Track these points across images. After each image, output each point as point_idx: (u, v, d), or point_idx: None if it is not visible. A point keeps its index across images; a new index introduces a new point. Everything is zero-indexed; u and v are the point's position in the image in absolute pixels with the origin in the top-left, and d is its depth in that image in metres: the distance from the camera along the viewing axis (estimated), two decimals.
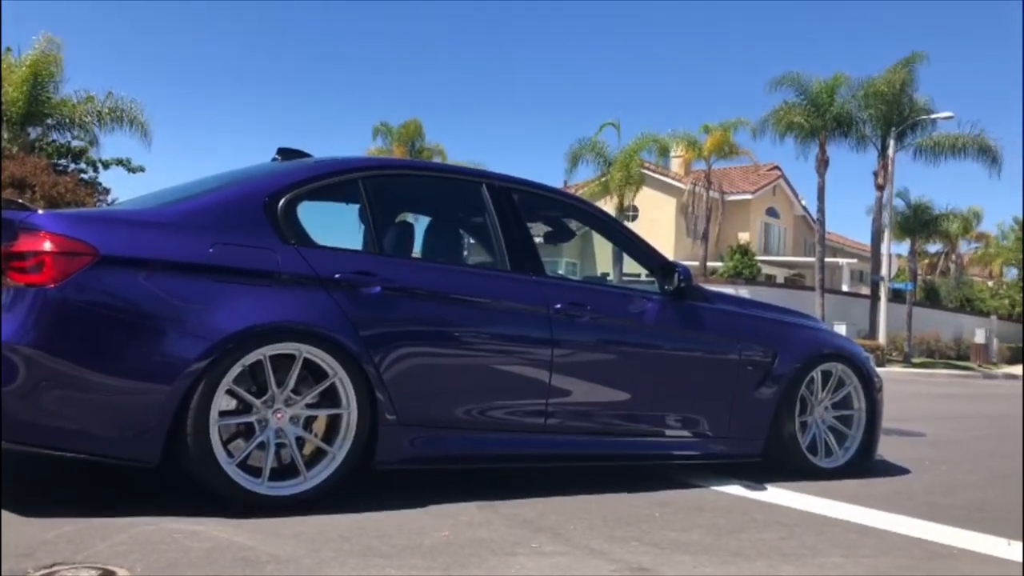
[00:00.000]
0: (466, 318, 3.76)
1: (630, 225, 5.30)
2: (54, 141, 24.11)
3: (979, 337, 33.70)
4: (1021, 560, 2.99)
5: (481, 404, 3.75)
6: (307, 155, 4.16)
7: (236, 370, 3.16)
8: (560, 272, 20.85)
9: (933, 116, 27.71)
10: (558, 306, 3.93)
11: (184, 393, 3.05)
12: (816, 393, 4.70)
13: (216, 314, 3.15)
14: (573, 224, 5.45)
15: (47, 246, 2.96)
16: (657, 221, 35.93)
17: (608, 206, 28.01)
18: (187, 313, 3.12)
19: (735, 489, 4.14)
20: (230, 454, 3.18)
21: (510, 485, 3.85)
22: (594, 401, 4.06)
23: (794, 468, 4.52)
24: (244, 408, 3.26)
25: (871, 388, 4.85)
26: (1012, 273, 48.35)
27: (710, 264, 33.20)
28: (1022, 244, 40.39)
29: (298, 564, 2.58)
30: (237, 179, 3.74)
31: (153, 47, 79.11)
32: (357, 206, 4.03)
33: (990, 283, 48.93)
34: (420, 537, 2.97)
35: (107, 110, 22.92)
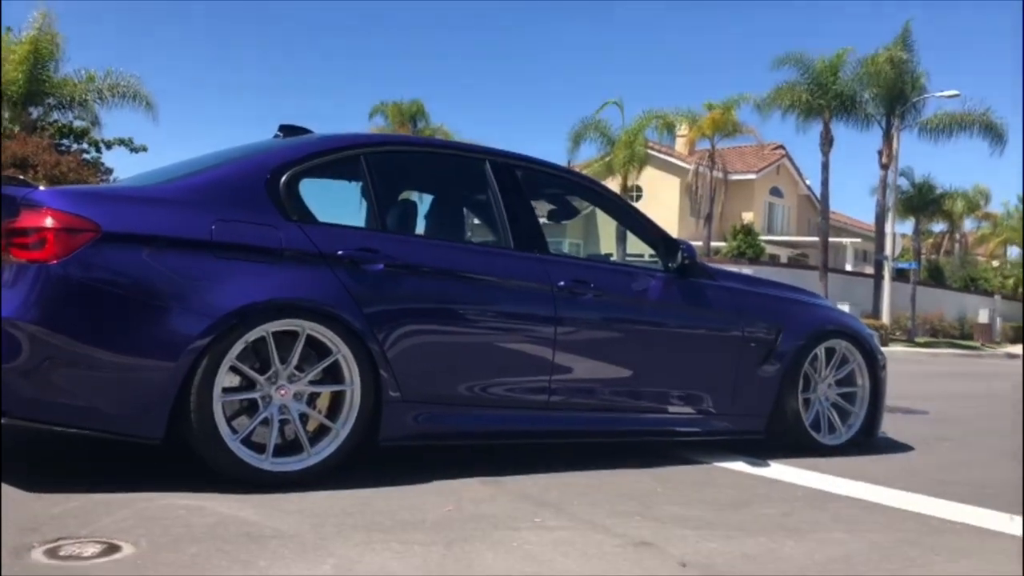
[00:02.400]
0: (469, 295, 3.75)
1: (635, 205, 5.27)
2: (56, 121, 24.09)
3: (982, 316, 33.74)
4: (1021, 535, 2.99)
5: (484, 381, 3.75)
6: (309, 132, 4.14)
7: (239, 347, 3.16)
8: (564, 250, 20.82)
9: (938, 95, 27.56)
10: (561, 283, 3.92)
11: (188, 370, 3.05)
12: (819, 370, 4.70)
13: (219, 291, 3.14)
14: (577, 202, 5.43)
15: (49, 222, 2.95)
16: (661, 201, 35.83)
17: (612, 186, 27.90)
18: (190, 290, 3.12)
19: (738, 465, 4.15)
20: (234, 430, 3.18)
21: (513, 461, 3.86)
22: (597, 378, 4.05)
23: (797, 445, 4.52)
24: (248, 385, 3.26)
25: (875, 365, 4.85)
26: (1015, 252, 48.27)
27: (714, 244, 33.13)
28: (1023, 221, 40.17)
29: (301, 539, 2.59)
30: (239, 156, 3.72)
31: (153, 24, 78.75)
32: (360, 183, 4.01)
33: (995, 263, 48.85)
34: (423, 512, 2.98)
35: (107, 87, 22.84)
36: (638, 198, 35.51)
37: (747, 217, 37.56)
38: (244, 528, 2.66)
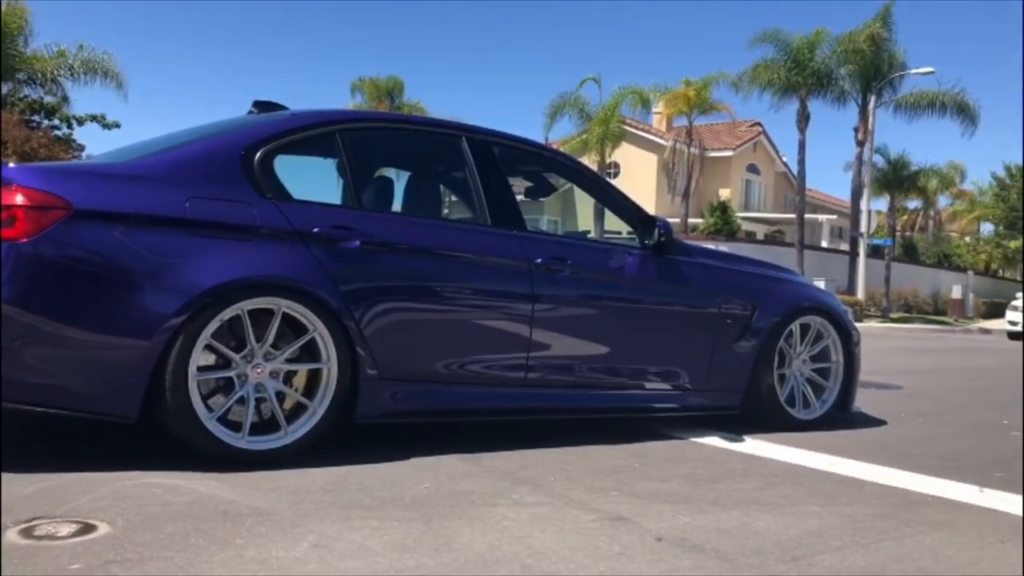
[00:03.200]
0: (446, 273, 3.74)
1: (612, 182, 5.27)
2: (26, 96, 23.68)
3: (956, 292, 34.15)
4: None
5: (462, 358, 3.75)
6: (284, 108, 4.09)
7: (214, 325, 3.14)
8: (542, 227, 20.76)
9: (913, 72, 27.71)
10: (539, 260, 3.92)
11: (162, 348, 3.03)
12: (795, 346, 4.74)
13: (193, 269, 3.12)
14: (554, 179, 5.43)
15: (19, 200, 2.91)
16: (639, 177, 35.89)
17: (590, 162, 27.91)
18: (164, 268, 3.09)
19: (714, 440, 4.19)
20: (210, 409, 3.16)
21: (491, 438, 3.87)
22: (575, 355, 4.07)
23: (772, 420, 4.57)
24: (223, 363, 3.24)
25: (849, 341, 4.90)
26: (987, 228, 48.80)
27: (691, 221, 33.25)
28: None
29: (279, 517, 2.59)
30: (213, 132, 3.68)
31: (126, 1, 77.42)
32: (335, 160, 3.98)
33: (967, 239, 49.41)
34: (402, 489, 2.98)
35: (79, 63, 22.50)
36: (616, 175, 35.56)
37: (724, 194, 37.71)
38: (221, 507, 2.65)
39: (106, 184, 3.17)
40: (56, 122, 24.42)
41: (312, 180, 4.26)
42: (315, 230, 3.40)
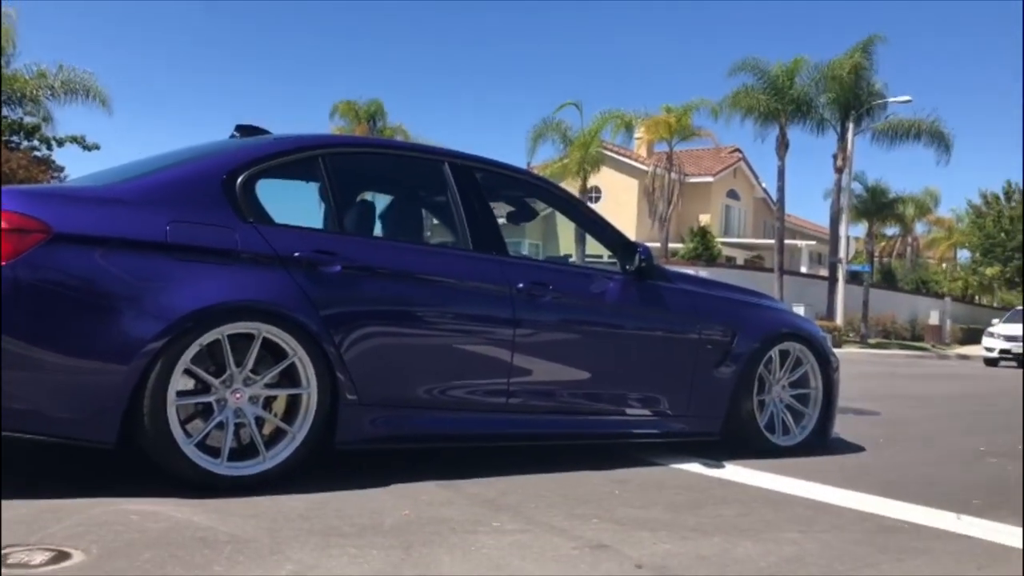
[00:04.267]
0: (428, 298, 3.74)
1: (593, 206, 5.32)
2: (6, 117, 23.54)
3: (933, 318, 34.44)
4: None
5: (443, 384, 3.75)
6: (266, 132, 4.10)
7: (194, 350, 3.13)
8: (523, 252, 20.82)
9: (891, 100, 28.11)
10: (520, 285, 3.93)
11: (141, 373, 3.01)
12: (774, 372, 4.77)
13: (173, 293, 3.10)
14: (536, 204, 5.45)
15: None
16: (620, 202, 36.07)
17: (571, 187, 28.03)
18: (143, 292, 3.08)
19: (694, 467, 4.19)
20: (188, 434, 3.14)
21: (472, 464, 3.85)
22: (556, 380, 4.07)
23: (752, 446, 4.58)
24: (202, 388, 3.22)
25: (828, 367, 4.93)
26: (964, 256, 49.36)
27: (671, 245, 33.43)
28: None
29: (257, 544, 2.57)
30: (195, 156, 3.68)
31: (108, 21, 77.38)
32: (318, 184, 3.98)
33: (944, 265, 49.94)
34: (381, 516, 2.96)
35: (59, 83, 22.39)
36: (597, 199, 35.73)
37: (704, 219, 37.94)
38: (199, 533, 2.62)
39: (86, 207, 3.15)
40: (35, 143, 24.28)
41: (294, 204, 4.26)
42: (296, 254, 3.39)
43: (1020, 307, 24.69)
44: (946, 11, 78.30)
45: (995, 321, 23.14)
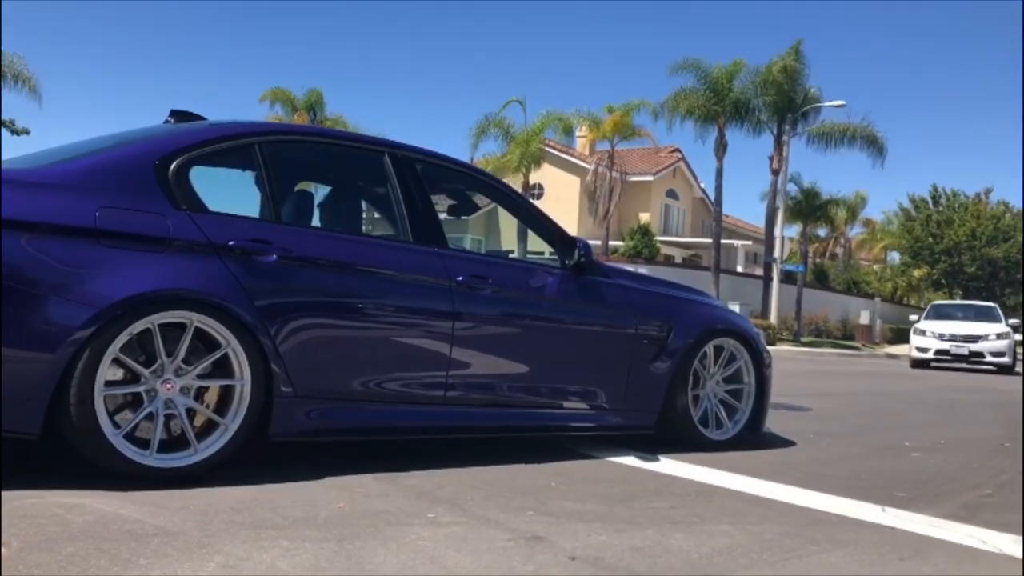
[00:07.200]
0: (366, 289, 3.71)
1: (536, 203, 5.34)
2: None
3: (864, 318, 35.31)
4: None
5: (380, 376, 3.72)
6: (202, 118, 4.02)
7: (123, 339, 3.05)
8: (465, 246, 20.75)
9: (825, 104, 28.70)
10: (460, 278, 3.92)
11: (68, 362, 2.93)
12: (708, 367, 4.84)
13: (103, 280, 3.02)
14: (477, 198, 5.44)
15: None
16: (562, 199, 36.26)
17: (514, 183, 28.08)
18: (72, 279, 2.99)
19: (629, 460, 4.24)
20: (116, 425, 3.06)
21: (409, 457, 3.84)
22: (494, 373, 4.07)
23: (686, 440, 4.65)
24: (132, 378, 3.15)
25: (761, 363, 5.02)
26: (894, 257, 50.70)
27: (612, 243, 33.71)
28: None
29: (186, 537, 2.52)
30: (127, 140, 3.58)
31: (36, 5, 74.99)
32: (254, 172, 3.91)
33: (875, 267, 51.27)
34: (315, 509, 2.93)
35: None
36: (540, 196, 35.87)
37: (644, 217, 38.34)
38: (125, 526, 2.56)
39: (13, 191, 3.04)
40: None
41: (231, 193, 4.18)
42: (231, 243, 3.33)
43: (938, 302, 24.63)
44: (896, 14, 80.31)
45: (912, 318, 21.12)
